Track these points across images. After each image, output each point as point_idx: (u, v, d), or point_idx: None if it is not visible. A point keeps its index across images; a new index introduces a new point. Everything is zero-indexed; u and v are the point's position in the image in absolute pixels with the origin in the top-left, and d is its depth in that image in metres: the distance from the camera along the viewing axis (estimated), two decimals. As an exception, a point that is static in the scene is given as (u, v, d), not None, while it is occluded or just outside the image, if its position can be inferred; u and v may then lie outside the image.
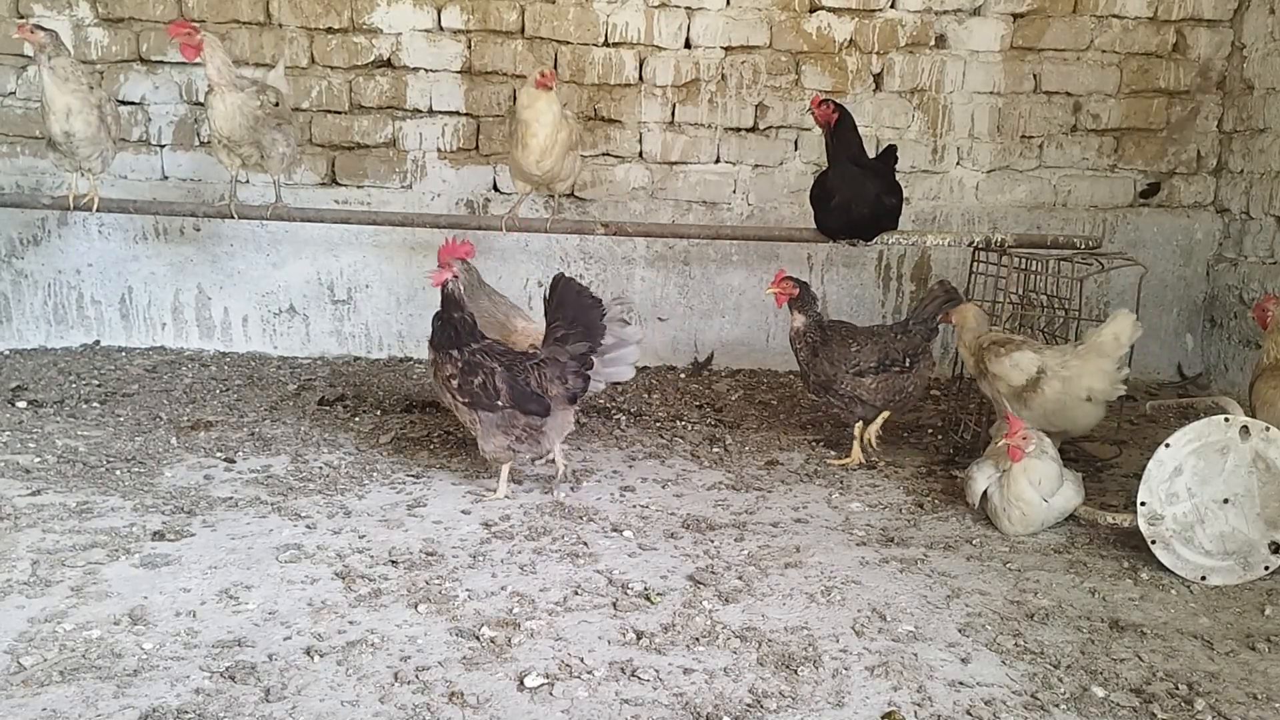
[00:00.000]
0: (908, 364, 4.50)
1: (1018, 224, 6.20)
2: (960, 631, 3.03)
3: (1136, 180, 6.30)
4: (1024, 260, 4.84)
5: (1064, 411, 4.09)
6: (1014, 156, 6.27)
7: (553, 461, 4.19)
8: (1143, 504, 3.48)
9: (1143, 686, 2.73)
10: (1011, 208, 6.30)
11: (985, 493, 3.85)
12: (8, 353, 6.03)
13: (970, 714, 2.59)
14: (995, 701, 2.65)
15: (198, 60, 4.59)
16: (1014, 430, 3.71)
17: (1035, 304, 4.81)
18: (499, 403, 3.91)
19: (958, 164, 6.26)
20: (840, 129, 4.78)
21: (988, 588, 3.34)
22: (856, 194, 4.78)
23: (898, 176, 5.00)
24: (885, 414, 4.58)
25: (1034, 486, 3.71)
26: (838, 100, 4.97)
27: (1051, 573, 3.49)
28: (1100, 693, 2.70)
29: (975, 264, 5.13)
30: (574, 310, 4.08)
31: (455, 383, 3.94)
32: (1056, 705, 2.64)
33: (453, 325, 3.99)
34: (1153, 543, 3.47)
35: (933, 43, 6.11)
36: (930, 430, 5.16)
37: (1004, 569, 3.50)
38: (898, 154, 4.99)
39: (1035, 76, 6.17)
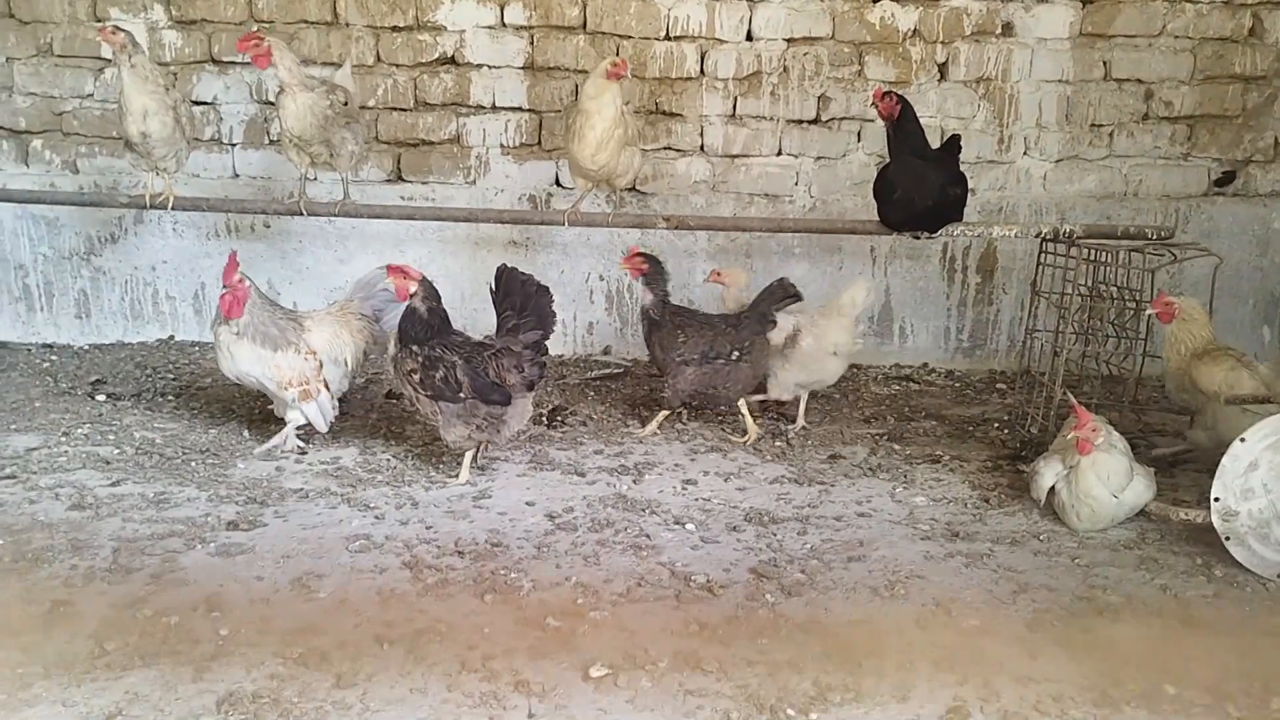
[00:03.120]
0: (735, 358, 4.61)
1: (1087, 214, 6.08)
2: (1027, 627, 3.00)
3: (1210, 169, 6.14)
4: (1093, 251, 4.75)
5: (816, 362, 4.81)
6: (1083, 145, 6.15)
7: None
8: (1217, 499, 3.41)
9: (1216, 684, 2.69)
10: (1080, 198, 6.18)
11: (1053, 488, 3.79)
12: (87, 347, 6.22)
13: (1038, 710, 2.57)
14: (1064, 698, 2.62)
15: (270, 68, 4.68)
16: (1083, 422, 3.66)
17: (1105, 296, 4.72)
18: (461, 395, 4.00)
19: (1025, 154, 6.16)
20: (903, 121, 4.73)
21: (1056, 583, 3.30)
22: (919, 186, 4.73)
23: (962, 167, 4.93)
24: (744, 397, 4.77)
25: (1103, 482, 3.65)
26: (900, 92, 4.92)
27: (1121, 569, 3.43)
28: (1172, 690, 2.66)
29: (1043, 255, 5.04)
30: (521, 299, 4.18)
31: (417, 377, 4.03)
32: (1127, 702, 2.61)
33: (421, 321, 4.08)
34: (1227, 539, 3.40)
35: (999, 31, 6.01)
36: (996, 424, 5.09)
37: (1072, 565, 3.46)
38: (961, 143, 4.93)
39: (1105, 64, 6.05)
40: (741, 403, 4.76)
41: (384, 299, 4.63)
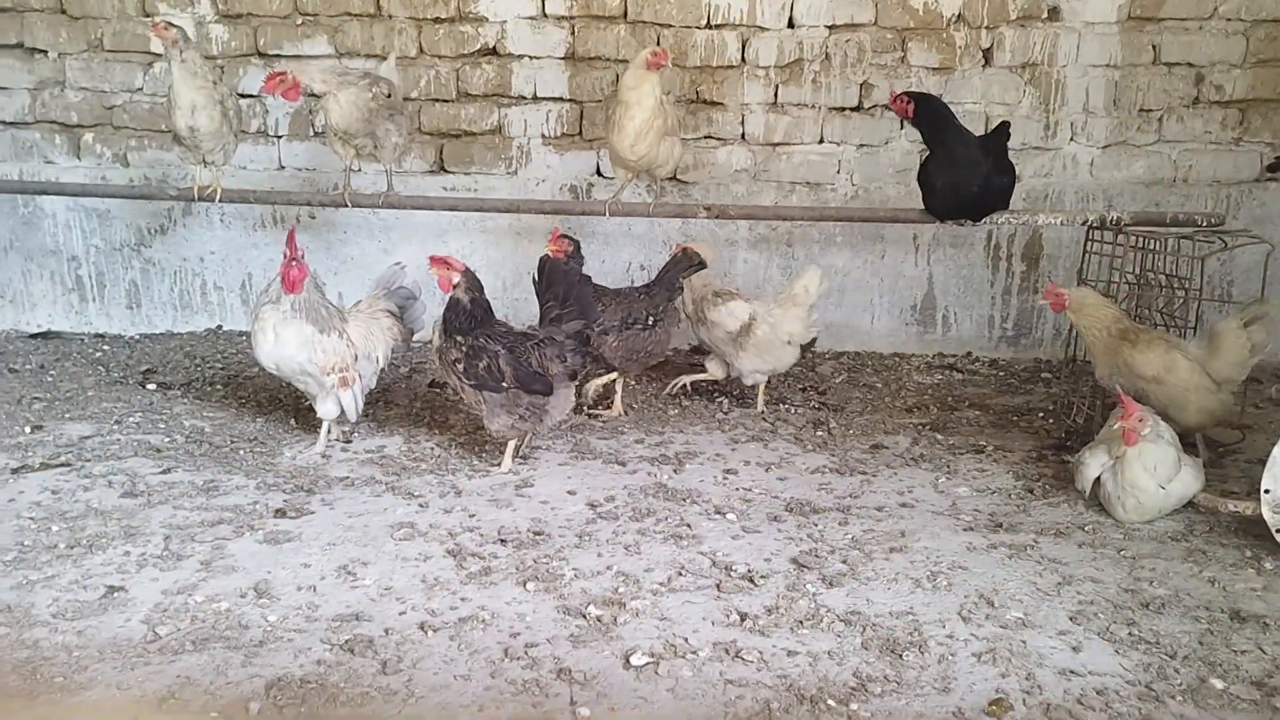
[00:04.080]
0: (651, 323, 4.81)
1: (1135, 201, 5.99)
2: (1071, 619, 2.98)
3: (1263, 154, 6.01)
4: (1141, 239, 4.68)
5: (772, 351, 4.83)
6: (1131, 131, 6.05)
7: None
8: (1267, 491, 3.36)
9: (1265, 679, 2.66)
10: (1128, 184, 6.09)
11: (1098, 479, 3.75)
12: (138, 337, 6.34)
13: (1081, 703, 2.56)
14: (1108, 691, 2.61)
15: (312, 89, 4.72)
16: (1129, 412, 3.61)
17: (1153, 284, 4.65)
18: (504, 384, 4.03)
19: (1071, 140, 6.08)
20: (923, 116, 4.70)
21: (1101, 575, 3.27)
22: (963, 176, 4.69)
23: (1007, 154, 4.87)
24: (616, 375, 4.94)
25: (1149, 473, 3.60)
26: (917, 90, 4.88)
27: (1168, 561, 3.39)
28: (1219, 685, 2.63)
29: (1089, 243, 4.98)
30: (564, 289, 4.21)
31: (461, 367, 4.06)
32: (1172, 696, 2.59)
33: (464, 311, 4.11)
34: (1277, 531, 3.34)
35: (1045, 15, 5.92)
36: (1041, 414, 5.04)
37: (1118, 557, 3.42)
38: (1010, 131, 4.86)
39: (1154, 47, 5.94)
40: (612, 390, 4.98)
41: (403, 296, 4.67)
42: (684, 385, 5.12)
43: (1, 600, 3.00)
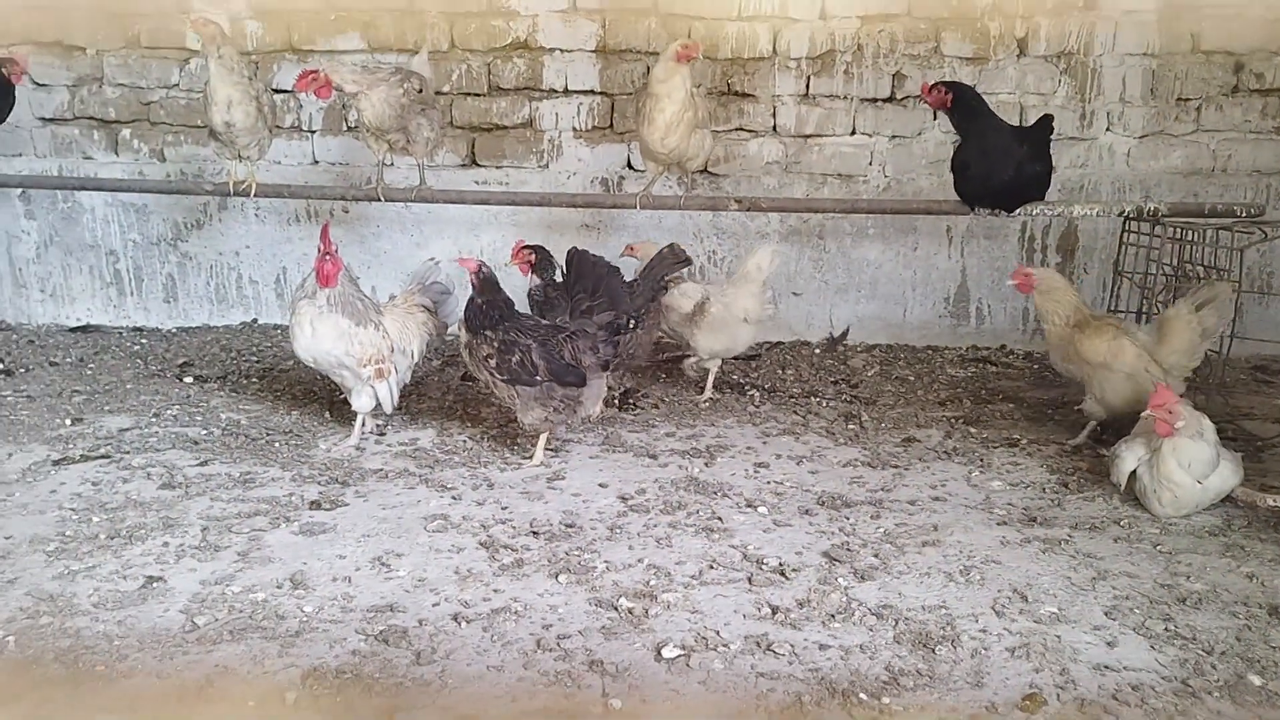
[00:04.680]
0: (631, 325, 4.51)
1: (1172, 191, 5.91)
2: (1106, 614, 2.95)
3: (1305, 143, 5.93)
4: (1179, 230, 4.63)
5: (727, 328, 4.85)
6: (1169, 120, 5.97)
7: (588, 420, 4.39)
8: (1307, 486, 3.31)
9: (1304, 676, 2.62)
10: (1166, 174, 6.01)
11: (1134, 473, 3.71)
12: (175, 330, 6.42)
13: (1116, 698, 2.54)
14: (1143, 687, 2.58)
15: (345, 88, 4.75)
16: (1159, 399, 3.55)
17: (1191, 276, 4.59)
18: (537, 377, 4.03)
19: (1107, 130, 6.01)
20: (960, 107, 4.66)
21: (1136, 570, 3.24)
22: (996, 163, 4.65)
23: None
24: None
25: (1184, 468, 3.56)
26: (953, 80, 4.83)
27: (1205, 556, 3.36)
28: (1257, 681, 2.60)
29: (1126, 234, 4.93)
30: (593, 281, 4.21)
31: (493, 362, 4.07)
32: (1209, 692, 2.56)
33: (491, 307, 4.12)
34: (1318, 527, 3.30)
35: (1081, 3, 5.85)
36: (1076, 407, 4.99)
37: (1154, 551, 3.39)
38: (1053, 125, 4.78)
39: (1193, 35, 5.86)
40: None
41: (437, 291, 4.67)
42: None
43: (44, 590, 3.05)
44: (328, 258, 4.18)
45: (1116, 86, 5.94)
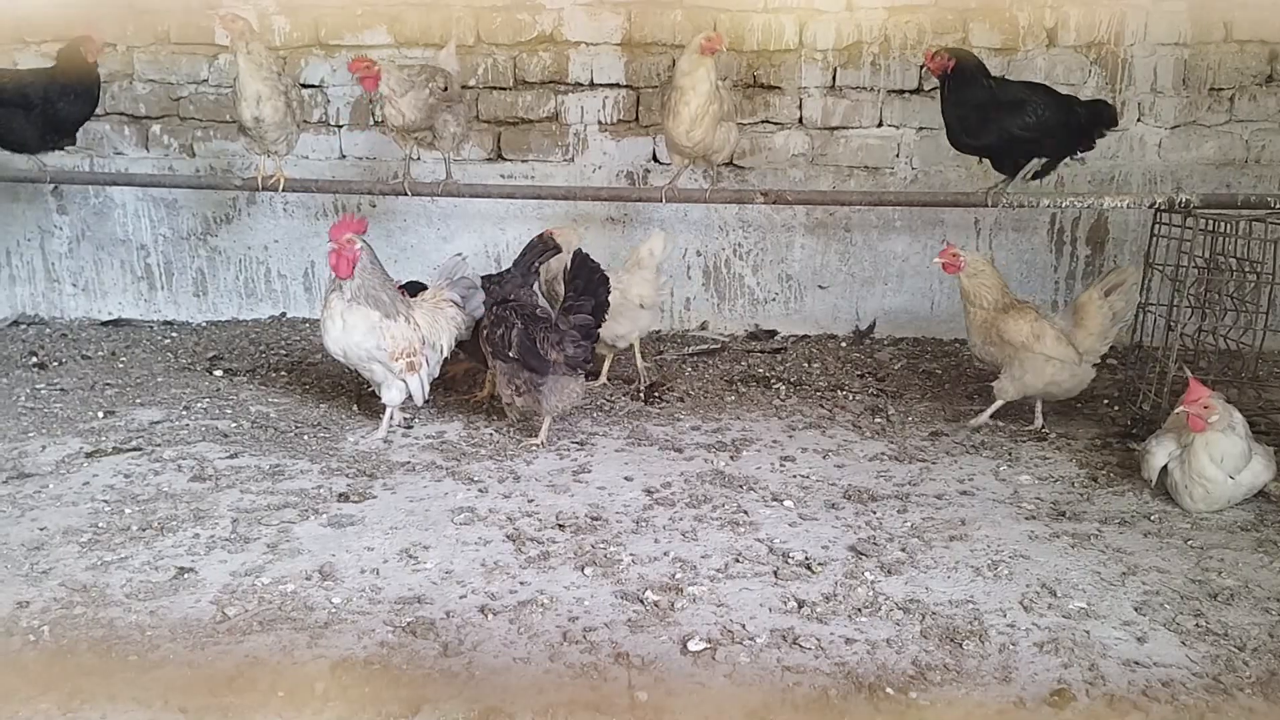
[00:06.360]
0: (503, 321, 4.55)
1: (1204, 183, 5.84)
2: (1136, 610, 2.93)
3: (1340, 133, 5.84)
4: (1211, 222, 4.56)
5: (626, 314, 4.90)
6: (1201, 111, 5.90)
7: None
8: (1341, 481, 3.27)
9: (1338, 673, 2.59)
10: (1198, 165, 5.94)
11: (1165, 468, 3.68)
12: (205, 324, 6.48)
13: (1146, 695, 2.52)
14: (1174, 683, 2.56)
15: (380, 89, 4.77)
16: (1193, 395, 3.53)
17: (1223, 268, 4.53)
18: (509, 354, 4.21)
19: (1138, 120, 5.94)
20: (960, 73, 4.69)
21: (1167, 565, 3.21)
22: (972, 109, 4.70)
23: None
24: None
25: (1215, 463, 3.52)
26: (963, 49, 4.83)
27: (1238, 551, 3.32)
28: (1290, 678, 2.57)
29: (1157, 226, 4.87)
30: (584, 283, 4.31)
31: (484, 332, 4.33)
32: (1241, 689, 2.53)
33: (503, 282, 4.36)
34: (1352, 522, 3.26)
35: (1111, -8, 5.80)
36: (1105, 400, 4.95)
37: (1185, 547, 3.36)
38: (1111, 114, 4.75)
39: (1226, 24, 5.78)
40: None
41: (465, 286, 4.74)
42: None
43: (78, 580, 3.09)
44: (335, 247, 4.22)
45: (1148, 76, 5.88)
